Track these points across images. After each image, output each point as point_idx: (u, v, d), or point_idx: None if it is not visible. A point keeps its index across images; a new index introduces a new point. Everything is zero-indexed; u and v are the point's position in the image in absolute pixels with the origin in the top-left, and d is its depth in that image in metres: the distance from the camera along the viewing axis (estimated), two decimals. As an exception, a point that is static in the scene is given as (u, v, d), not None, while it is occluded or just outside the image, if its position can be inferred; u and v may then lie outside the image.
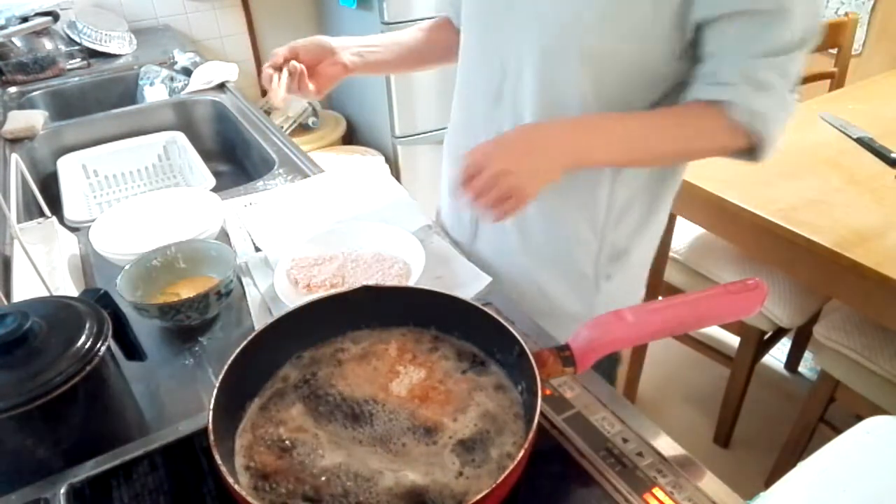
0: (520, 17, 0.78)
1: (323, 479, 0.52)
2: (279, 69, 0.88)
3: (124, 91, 1.85)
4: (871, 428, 0.50)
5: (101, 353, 0.57)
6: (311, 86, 0.90)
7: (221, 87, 1.69)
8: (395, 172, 2.38)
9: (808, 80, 2.09)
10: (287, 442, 0.55)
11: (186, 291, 0.81)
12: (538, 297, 0.93)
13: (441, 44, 1.01)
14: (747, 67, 0.71)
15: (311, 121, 2.55)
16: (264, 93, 2.68)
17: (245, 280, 0.89)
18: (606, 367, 0.87)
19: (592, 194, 0.84)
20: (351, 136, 2.75)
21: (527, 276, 0.93)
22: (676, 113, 0.76)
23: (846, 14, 2.05)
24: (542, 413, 0.52)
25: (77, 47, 1.88)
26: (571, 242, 0.89)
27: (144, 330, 0.78)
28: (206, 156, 1.37)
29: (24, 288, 0.83)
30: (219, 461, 0.48)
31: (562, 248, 0.90)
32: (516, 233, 0.92)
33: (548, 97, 0.79)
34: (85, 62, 1.88)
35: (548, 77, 0.78)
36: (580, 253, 0.89)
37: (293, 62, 0.88)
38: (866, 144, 1.44)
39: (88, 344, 0.57)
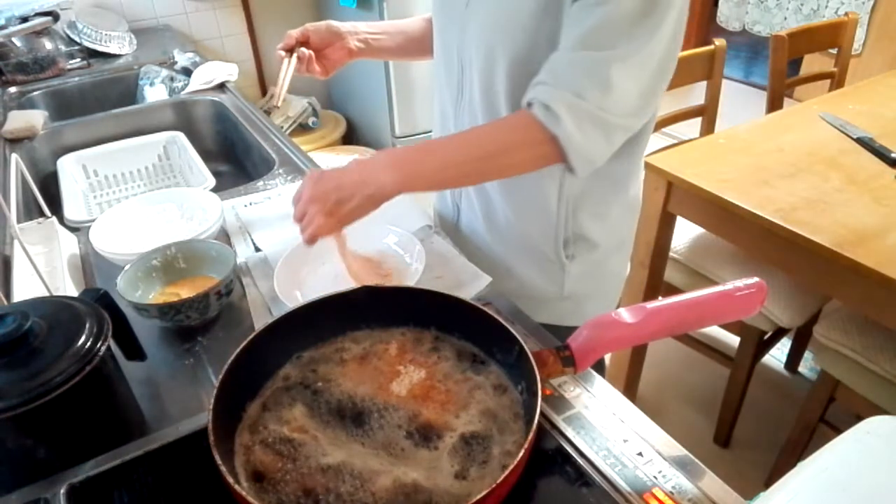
0: (474, 15, 0.81)
1: (323, 478, 0.52)
2: (290, 51, 0.95)
3: (124, 91, 1.85)
4: (871, 428, 0.50)
5: (101, 353, 0.57)
6: (317, 68, 0.97)
7: (221, 87, 1.69)
8: (396, 172, 2.38)
9: (808, 80, 2.09)
10: (287, 442, 0.55)
11: (186, 291, 0.81)
12: (508, 277, 0.96)
13: None
14: (557, 59, 0.71)
15: (311, 121, 2.55)
16: (264, 92, 2.68)
17: (245, 280, 0.89)
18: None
19: (543, 189, 0.87)
20: (351, 136, 2.75)
21: (498, 259, 0.97)
22: (494, 122, 0.80)
23: (846, 14, 2.05)
24: (542, 413, 0.52)
25: (77, 47, 1.88)
26: (531, 230, 0.92)
27: (144, 330, 0.78)
28: (206, 156, 1.36)
29: (24, 288, 0.83)
30: (219, 461, 0.48)
31: (524, 234, 0.93)
32: (483, 219, 0.96)
33: (489, 94, 0.83)
34: (85, 62, 1.87)
35: (486, 74, 0.81)
36: (540, 239, 0.92)
37: (302, 49, 0.95)
38: (866, 144, 1.44)
39: (88, 344, 0.57)
